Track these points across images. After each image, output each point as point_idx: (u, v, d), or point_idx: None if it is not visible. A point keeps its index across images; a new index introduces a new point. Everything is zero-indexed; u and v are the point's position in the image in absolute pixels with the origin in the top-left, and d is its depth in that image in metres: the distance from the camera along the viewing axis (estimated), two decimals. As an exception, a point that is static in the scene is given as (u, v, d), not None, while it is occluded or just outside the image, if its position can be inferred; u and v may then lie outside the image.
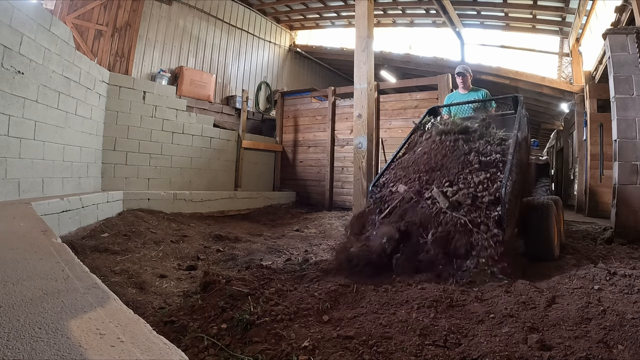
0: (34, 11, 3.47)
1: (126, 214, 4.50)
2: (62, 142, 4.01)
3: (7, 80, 3.11)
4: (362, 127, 3.94)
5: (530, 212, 2.96)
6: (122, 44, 6.22)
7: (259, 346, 1.43)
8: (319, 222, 5.58)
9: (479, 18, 8.36)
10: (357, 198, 3.94)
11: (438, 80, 6.43)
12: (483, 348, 1.38)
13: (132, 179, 5.32)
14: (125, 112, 5.22)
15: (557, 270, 2.56)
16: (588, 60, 7.09)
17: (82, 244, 3.17)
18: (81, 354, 0.78)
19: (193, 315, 1.75)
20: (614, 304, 1.78)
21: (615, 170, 3.92)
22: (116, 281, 2.46)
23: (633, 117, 3.82)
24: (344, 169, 7.35)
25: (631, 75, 3.85)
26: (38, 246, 1.71)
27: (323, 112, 7.73)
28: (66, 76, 4.01)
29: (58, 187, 3.96)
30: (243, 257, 3.37)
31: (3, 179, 3.14)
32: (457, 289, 2.00)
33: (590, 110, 6.61)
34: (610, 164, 4.35)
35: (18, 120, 3.29)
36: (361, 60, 4.00)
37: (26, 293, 1.11)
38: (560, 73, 8.64)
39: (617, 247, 3.44)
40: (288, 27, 10.43)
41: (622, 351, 1.38)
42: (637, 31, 3.90)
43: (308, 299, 1.85)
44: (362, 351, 1.39)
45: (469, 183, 2.61)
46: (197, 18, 7.90)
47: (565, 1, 6.78)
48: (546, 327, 1.59)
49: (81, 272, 1.36)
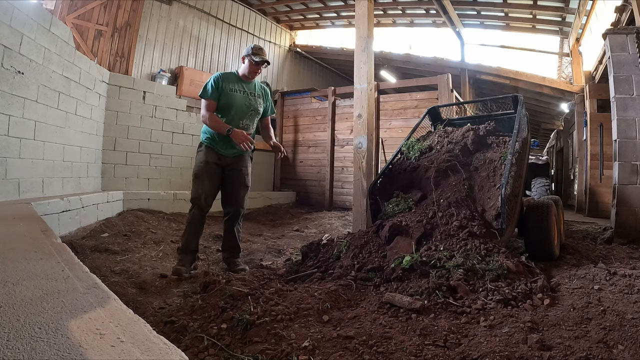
0: (34, 11, 3.47)
1: (126, 214, 4.50)
2: (62, 142, 4.01)
3: (7, 80, 3.11)
4: (362, 127, 3.93)
5: (530, 212, 2.96)
6: (122, 44, 6.22)
7: (259, 346, 1.43)
8: (319, 222, 5.58)
9: (479, 18, 8.36)
10: (357, 198, 3.93)
11: (438, 80, 6.44)
12: (483, 348, 1.38)
13: (132, 179, 5.32)
14: (125, 112, 5.22)
15: (557, 270, 2.56)
16: (588, 60, 7.09)
17: (82, 244, 3.17)
18: (81, 354, 0.78)
19: (193, 315, 1.75)
20: (614, 304, 1.78)
21: (615, 170, 3.92)
22: (116, 281, 2.46)
23: (633, 117, 3.82)
24: (344, 169, 7.35)
25: (631, 75, 3.86)
26: (38, 246, 1.71)
27: (323, 112, 7.73)
28: (66, 76, 4.01)
29: (58, 187, 3.96)
30: (243, 257, 3.37)
31: (3, 179, 3.14)
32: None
33: (590, 110, 6.61)
34: (610, 164, 4.35)
35: (18, 120, 3.29)
36: (361, 60, 3.99)
37: (26, 293, 1.11)
38: (560, 73, 8.64)
39: (617, 247, 3.44)
40: (288, 27, 10.43)
41: (622, 351, 1.37)
42: (637, 31, 3.90)
43: (308, 299, 1.85)
44: (362, 351, 1.39)
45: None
46: (197, 18, 7.90)
47: (565, 1, 6.78)
48: (546, 327, 1.59)
49: (81, 272, 1.36)
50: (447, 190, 2.85)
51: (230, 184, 2.94)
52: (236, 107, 2.87)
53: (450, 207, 2.64)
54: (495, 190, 2.69)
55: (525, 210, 3.03)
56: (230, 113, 2.85)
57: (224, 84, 2.85)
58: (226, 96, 2.83)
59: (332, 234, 4.30)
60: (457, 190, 2.80)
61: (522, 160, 3.04)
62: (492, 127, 3.36)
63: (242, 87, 2.93)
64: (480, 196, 2.77)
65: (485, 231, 2.42)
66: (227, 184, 2.94)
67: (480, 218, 2.57)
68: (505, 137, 3.24)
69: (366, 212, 3.62)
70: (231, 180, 2.94)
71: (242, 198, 2.98)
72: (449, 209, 2.61)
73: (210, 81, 2.85)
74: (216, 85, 2.81)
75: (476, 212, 2.64)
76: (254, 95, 2.98)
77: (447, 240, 2.35)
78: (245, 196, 3.00)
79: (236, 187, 2.95)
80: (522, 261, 2.27)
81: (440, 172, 2.98)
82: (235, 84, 2.90)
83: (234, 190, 2.95)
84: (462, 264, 2.06)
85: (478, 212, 2.65)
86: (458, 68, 8.51)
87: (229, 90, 2.85)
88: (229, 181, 2.93)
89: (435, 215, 2.59)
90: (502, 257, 2.17)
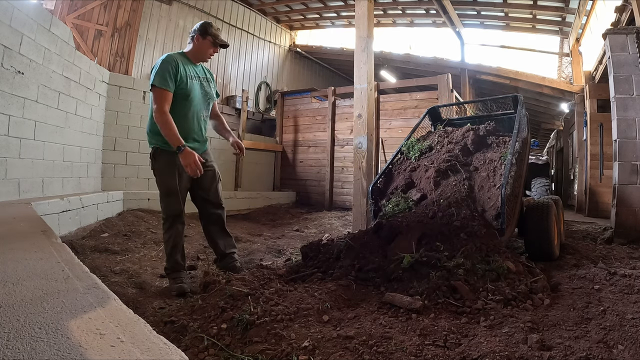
0: (34, 11, 3.47)
1: (126, 214, 4.50)
2: (62, 142, 4.01)
3: (7, 80, 3.11)
4: (362, 127, 3.94)
5: (530, 212, 2.96)
6: (122, 44, 6.21)
7: (259, 346, 1.43)
8: (319, 222, 5.58)
9: (479, 18, 8.36)
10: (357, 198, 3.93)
11: (438, 80, 6.44)
12: (483, 348, 1.38)
13: (132, 179, 5.32)
14: (125, 112, 5.22)
15: (557, 270, 2.56)
16: (588, 60, 7.09)
17: (82, 244, 3.17)
18: (81, 354, 0.78)
19: (193, 315, 1.75)
20: (614, 304, 1.78)
21: (615, 170, 3.92)
22: (116, 281, 2.46)
23: (633, 117, 3.82)
24: (344, 169, 7.35)
25: (631, 75, 3.85)
26: (38, 246, 1.71)
27: (323, 112, 7.73)
28: (66, 76, 4.01)
29: (58, 187, 3.96)
30: (243, 257, 3.37)
31: (3, 179, 3.14)
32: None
33: (590, 110, 6.61)
34: (610, 164, 4.35)
35: (18, 120, 3.29)
36: (361, 60, 3.99)
37: (26, 293, 1.11)
38: (560, 73, 8.64)
39: (617, 247, 3.44)
40: (288, 27, 10.43)
41: (622, 351, 1.38)
42: (637, 31, 3.90)
43: (308, 299, 1.85)
44: (362, 351, 1.39)
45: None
46: (197, 18, 7.89)
47: (565, 1, 6.78)
48: (546, 327, 1.59)
49: (81, 272, 1.36)
50: (447, 190, 2.85)
51: (209, 185, 2.62)
52: (196, 98, 2.45)
53: (450, 207, 2.64)
54: (495, 190, 2.69)
55: (525, 210, 3.03)
56: (190, 107, 2.42)
57: (181, 69, 2.35)
58: (185, 86, 2.36)
59: (332, 234, 4.30)
60: (457, 190, 2.80)
61: (522, 160, 3.04)
62: (492, 127, 3.36)
63: (195, 71, 2.49)
64: (480, 196, 2.77)
65: (485, 231, 2.41)
66: (204, 186, 2.59)
67: (480, 218, 2.57)
68: (505, 137, 3.24)
69: (366, 212, 3.62)
70: (207, 181, 2.59)
71: (221, 195, 2.71)
72: (449, 209, 2.61)
73: (164, 65, 2.29)
74: (175, 71, 2.30)
75: (476, 212, 2.64)
76: (206, 80, 2.57)
77: (447, 240, 2.35)
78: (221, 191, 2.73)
79: (215, 186, 2.66)
80: (522, 261, 2.27)
81: (440, 172, 2.98)
82: (189, 69, 2.43)
83: (214, 190, 2.66)
84: (462, 264, 2.06)
85: (478, 212, 2.65)
86: (458, 68, 8.51)
87: (188, 78, 2.38)
88: (205, 183, 2.58)
89: (435, 215, 2.59)
90: (502, 257, 2.17)
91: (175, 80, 2.31)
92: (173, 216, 2.47)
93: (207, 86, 2.57)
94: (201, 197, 2.64)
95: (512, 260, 2.19)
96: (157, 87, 2.27)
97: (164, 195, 2.47)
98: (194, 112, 2.46)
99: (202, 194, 2.63)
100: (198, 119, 2.50)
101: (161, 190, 2.47)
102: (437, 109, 4.01)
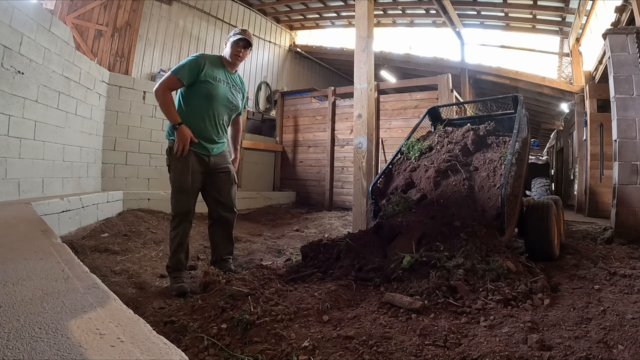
0: (34, 11, 3.47)
1: (126, 214, 4.50)
2: (62, 142, 4.01)
3: (7, 80, 3.11)
4: (362, 127, 3.94)
5: (530, 212, 2.96)
6: (122, 44, 6.22)
7: (259, 346, 1.43)
8: (319, 222, 5.58)
9: (479, 18, 8.36)
10: (357, 198, 3.93)
11: (438, 80, 6.44)
12: (483, 348, 1.38)
13: (132, 179, 5.32)
14: (125, 112, 5.22)
15: (557, 270, 2.56)
16: (588, 60, 7.09)
17: (82, 244, 3.17)
18: (81, 354, 0.78)
19: (193, 315, 1.74)
20: (614, 304, 1.79)
21: (615, 170, 3.92)
22: (116, 281, 2.46)
23: (633, 117, 3.82)
24: (344, 169, 7.35)
25: (631, 75, 3.85)
26: (38, 246, 1.71)
27: (323, 112, 7.73)
28: (66, 76, 4.01)
29: (58, 187, 3.96)
30: (243, 257, 3.37)
31: (3, 179, 3.14)
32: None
33: (590, 110, 6.61)
34: (610, 164, 4.35)
35: (18, 120, 3.29)
36: (361, 60, 3.99)
37: (26, 293, 1.11)
38: (560, 73, 8.64)
39: (617, 247, 3.44)
40: (288, 27, 10.43)
41: (622, 351, 1.38)
42: (637, 31, 3.90)
43: (308, 299, 1.85)
44: (362, 351, 1.39)
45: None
46: (197, 18, 7.90)
47: (565, 1, 6.78)
48: (546, 327, 1.59)
49: (81, 272, 1.36)
50: (447, 190, 2.85)
51: (222, 186, 2.63)
52: (218, 100, 2.50)
53: (450, 207, 2.64)
54: (495, 190, 2.69)
55: (525, 210, 3.03)
56: (210, 106, 2.47)
57: (209, 69, 2.45)
58: (209, 85, 2.44)
59: (332, 234, 4.31)
60: (457, 191, 2.80)
61: (522, 160, 3.04)
62: (492, 127, 3.36)
63: (226, 77, 2.57)
64: (480, 196, 2.77)
65: (485, 231, 2.41)
66: (217, 187, 2.62)
67: (480, 218, 2.57)
68: (505, 137, 3.24)
69: (366, 212, 3.62)
70: (221, 183, 2.62)
71: (235, 199, 2.72)
72: (449, 209, 2.61)
73: (190, 59, 2.43)
74: (197, 69, 2.40)
75: (476, 212, 2.64)
76: (235, 89, 2.64)
77: (447, 240, 2.35)
78: (236, 195, 2.75)
79: (229, 188, 2.67)
80: (522, 261, 2.27)
81: (440, 172, 2.98)
82: (220, 72, 2.52)
83: (227, 193, 2.66)
84: (462, 264, 2.06)
85: (478, 212, 2.65)
86: (458, 68, 8.51)
87: (213, 79, 2.46)
88: (218, 184, 2.62)
89: (435, 215, 2.59)
90: (502, 257, 2.17)
91: (194, 76, 2.41)
92: (182, 214, 2.49)
93: (234, 95, 2.63)
94: (213, 198, 2.66)
95: (512, 260, 2.19)
96: (172, 72, 2.40)
97: (175, 192, 2.49)
98: (213, 113, 2.51)
99: (215, 194, 2.64)
100: (216, 121, 2.54)
101: (173, 187, 2.50)
102: (437, 109, 4.01)
